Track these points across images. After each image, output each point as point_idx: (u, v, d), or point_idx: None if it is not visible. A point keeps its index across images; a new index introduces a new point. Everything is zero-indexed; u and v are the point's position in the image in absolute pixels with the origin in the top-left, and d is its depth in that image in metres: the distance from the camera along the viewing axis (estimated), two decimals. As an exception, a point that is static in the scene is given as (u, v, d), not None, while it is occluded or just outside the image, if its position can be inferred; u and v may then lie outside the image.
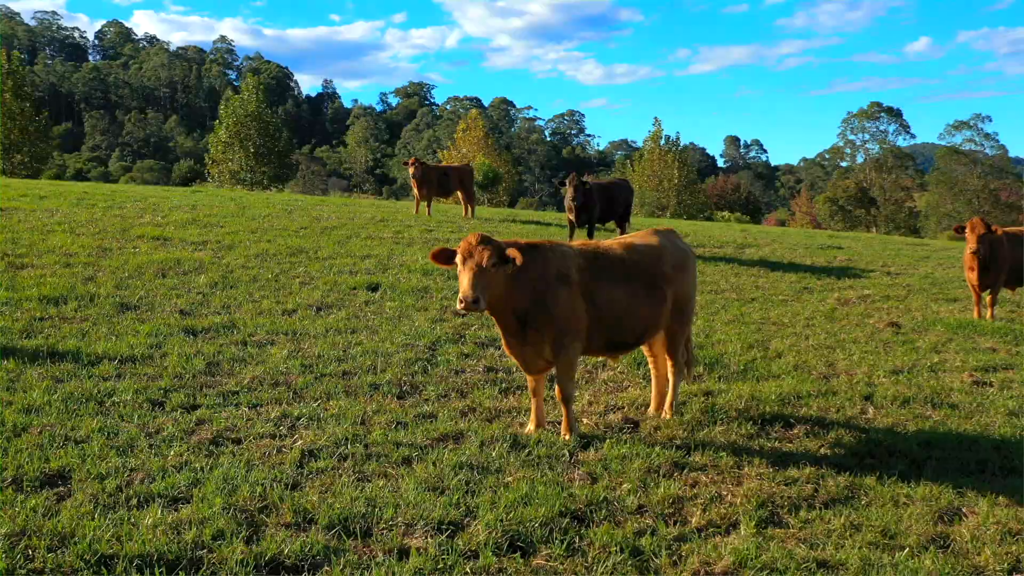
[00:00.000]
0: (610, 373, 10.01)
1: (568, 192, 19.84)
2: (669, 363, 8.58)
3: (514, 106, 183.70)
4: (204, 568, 5.17)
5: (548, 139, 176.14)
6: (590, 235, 20.46)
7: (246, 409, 7.97)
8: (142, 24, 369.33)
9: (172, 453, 6.82)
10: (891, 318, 13.86)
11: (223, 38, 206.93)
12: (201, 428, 7.45)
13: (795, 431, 8.28)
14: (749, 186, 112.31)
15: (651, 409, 8.68)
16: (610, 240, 8.48)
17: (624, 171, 72.48)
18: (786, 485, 6.96)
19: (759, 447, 7.81)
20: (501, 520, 5.96)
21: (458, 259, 7.15)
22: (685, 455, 7.49)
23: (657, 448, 7.54)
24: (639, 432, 8.10)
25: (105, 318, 10.67)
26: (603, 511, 6.29)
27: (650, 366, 8.84)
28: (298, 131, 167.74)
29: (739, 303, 14.67)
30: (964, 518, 6.54)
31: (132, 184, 60.94)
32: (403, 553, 5.49)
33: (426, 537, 5.70)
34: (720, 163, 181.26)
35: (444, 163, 50.52)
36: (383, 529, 5.78)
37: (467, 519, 6.01)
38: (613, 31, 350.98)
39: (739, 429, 8.20)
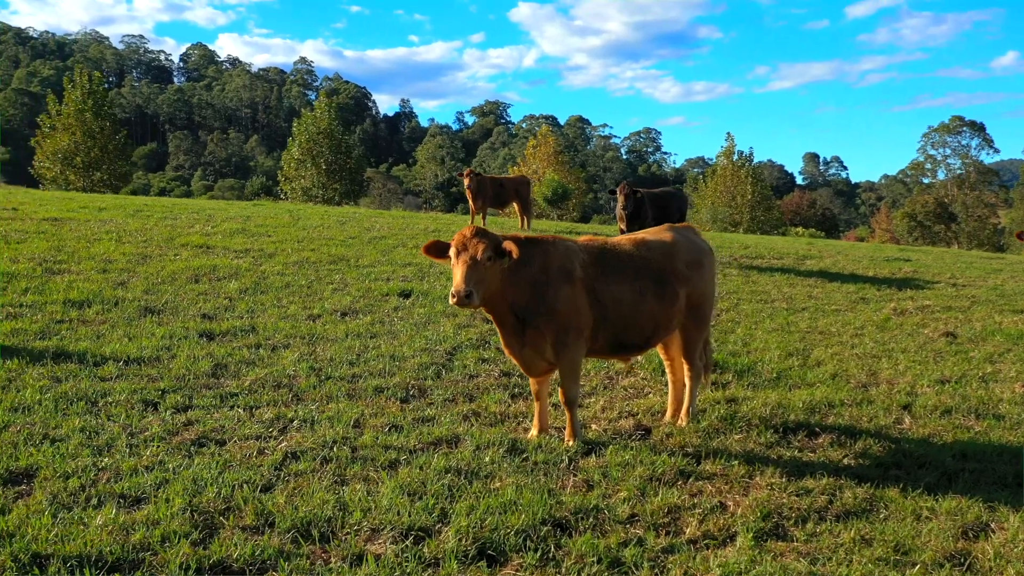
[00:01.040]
0: (632, 379, 9.55)
1: (619, 201, 19.39)
2: (686, 367, 8.11)
3: (590, 124, 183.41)
4: (142, 570, 4.88)
5: (624, 157, 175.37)
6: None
7: (240, 411, 7.70)
8: (226, 47, 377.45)
9: (148, 453, 6.57)
10: (947, 328, 13.15)
11: (303, 59, 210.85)
12: (187, 429, 7.20)
13: (820, 440, 7.75)
14: (828, 203, 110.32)
15: (667, 416, 8.21)
16: (621, 236, 8.06)
17: (696, 187, 71.48)
18: (798, 496, 6.45)
19: (777, 456, 7.31)
20: (475, 526, 5.58)
21: (452, 252, 6.80)
22: (694, 463, 7.03)
23: (664, 455, 7.08)
24: (650, 439, 7.65)
25: (125, 321, 10.53)
26: (590, 519, 5.87)
27: (667, 371, 8.38)
28: (375, 150, 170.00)
29: (788, 312, 14.08)
30: (991, 534, 5.98)
31: (206, 200, 61.90)
32: (359, 559, 5.14)
33: (390, 543, 5.34)
34: (799, 180, 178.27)
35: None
36: (346, 534, 5.44)
37: (439, 525, 5.64)
38: (691, 48, 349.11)
39: (758, 437, 7.70)
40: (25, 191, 32.54)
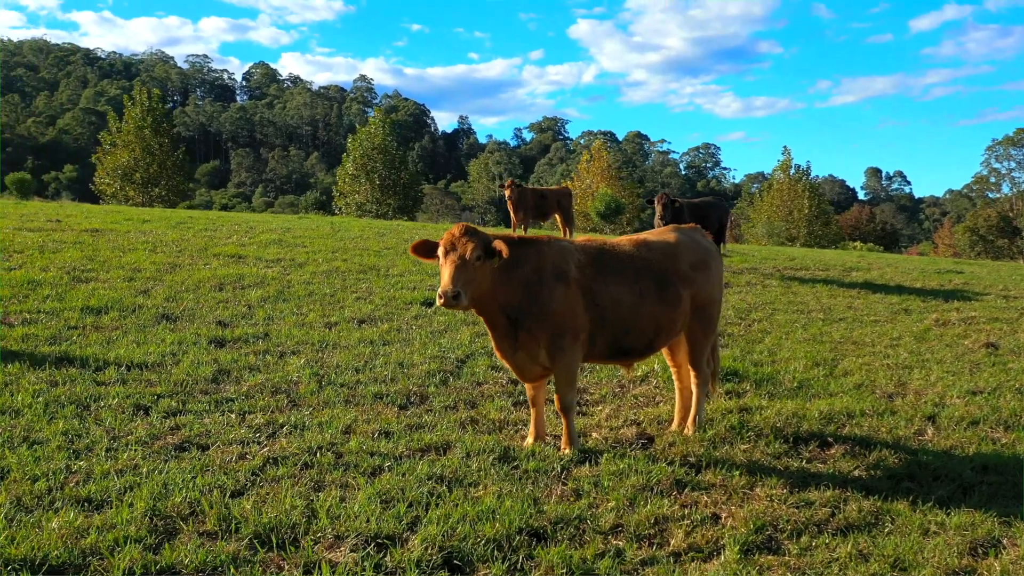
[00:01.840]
0: (644, 387, 9.24)
1: (656, 211, 19.06)
2: (692, 374, 7.78)
3: (648, 140, 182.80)
4: (85, 574, 4.69)
5: (682, 172, 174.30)
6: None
7: (232, 416, 7.53)
8: (289, 66, 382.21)
9: (125, 457, 6.41)
10: (990, 339, 12.63)
11: (363, 77, 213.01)
12: (173, 433, 7.03)
13: (832, 451, 7.39)
14: (891, 218, 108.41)
15: (674, 424, 7.89)
16: (623, 237, 7.78)
17: (752, 201, 70.61)
18: (798, 508, 6.11)
19: (783, 467, 6.96)
20: (445, 535, 5.33)
21: (440, 251, 6.57)
22: (693, 473, 6.71)
23: (661, 465, 6.77)
24: (652, 448, 7.33)
25: (138, 327, 10.45)
26: (570, 530, 5.59)
27: (674, 378, 8.06)
28: (434, 167, 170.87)
29: (823, 323, 13.64)
30: (1001, 550, 5.59)
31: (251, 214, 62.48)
32: (313, 567, 4.90)
33: (350, 551, 5.10)
34: (861, 195, 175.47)
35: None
36: (309, 541, 5.21)
37: (408, 533, 5.39)
38: (752, 64, 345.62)
39: (766, 448, 7.35)
40: (75, 205, 33.01)
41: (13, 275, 12.82)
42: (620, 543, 5.45)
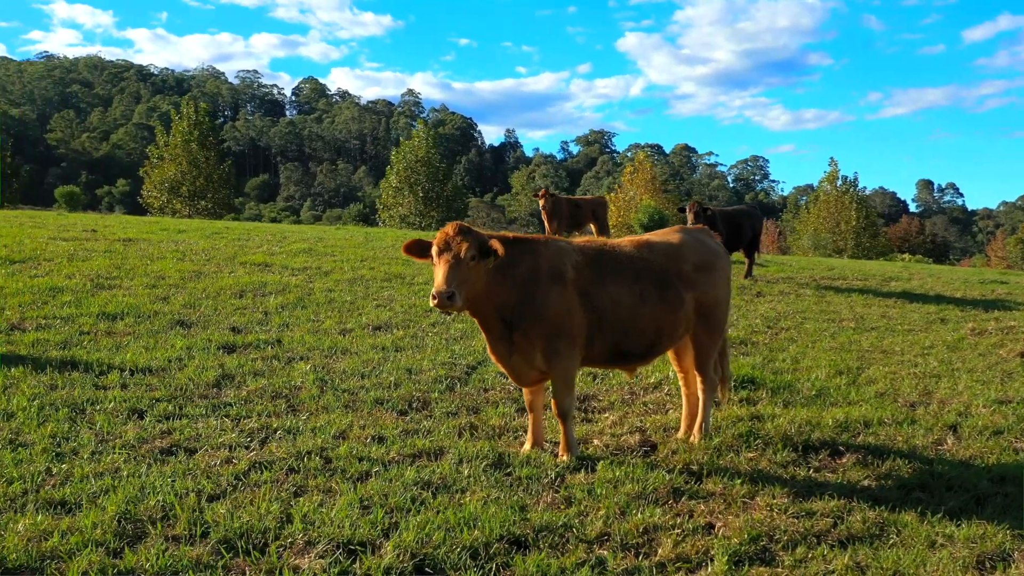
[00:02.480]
0: (656, 395, 8.98)
1: (688, 218, 18.78)
2: (699, 380, 7.53)
3: (696, 152, 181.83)
4: (39, 578, 4.57)
5: (730, 185, 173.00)
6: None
7: (227, 420, 7.40)
8: (338, 80, 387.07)
9: (108, 460, 6.29)
10: (1025, 348, 12.20)
11: (410, 91, 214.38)
12: (163, 437, 6.90)
13: (843, 460, 7.10)
14: (943, 230, 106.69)
15: (680, 432, 7.63)
16: (625, 238, 7.56)
17: (797, 213, 69.77)
18: (798, 518, 5.85)
19: (789, 476, 6.69)
20: (421, 542, 5.14)
21: (433, 251, 6.39)
22: (693, 481, 6.46)
23: (660, 473, 6.53)
24: (654, 455, 7.10)
25: (150, 333, 10.39)
26: (553, 537, 5.37)
27: (681, 384, 7.81)
28: (480, 180, 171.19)
29: (854, 331, 13.28)
30: (1011, 564, 5.31)
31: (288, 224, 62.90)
32: (278, 573, 4.73)
33: (319, 558, 4.93)
34: (912, 207, 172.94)
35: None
36: (279, 547, 5.05)
37: (382, 539, 5.21)
38: (801, 76, 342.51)
39: (774, 456, 7.08)
40: (116, 216, 33.33)
41: (37, 282, 12.86)
42: (604, 552, 5.23)
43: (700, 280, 7.28)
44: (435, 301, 6.14)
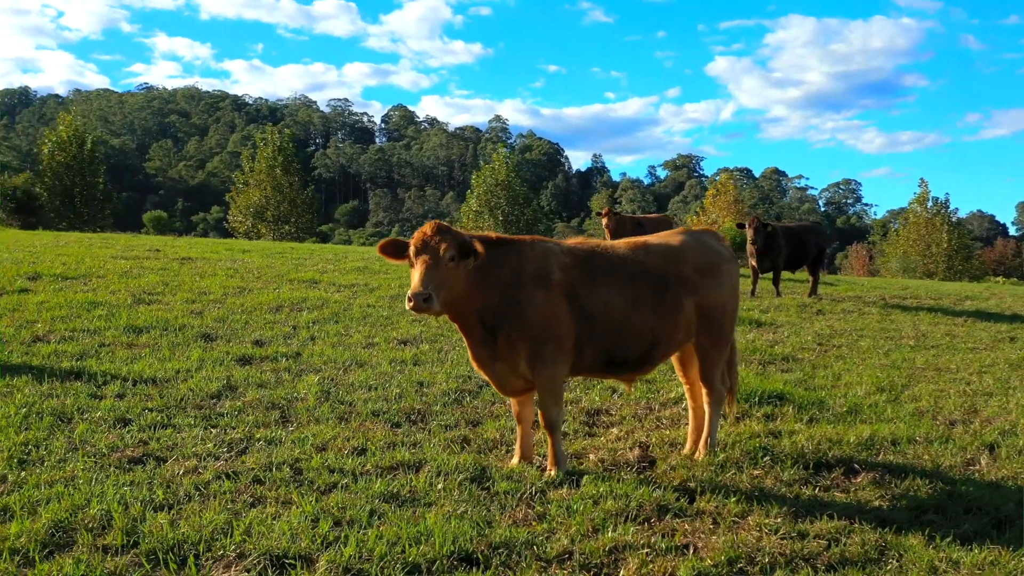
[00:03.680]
0: (673, 410, 8.48)
1: (748, 235, 18.19)
2: (704, 392, 7.04)
3: (785, 176, 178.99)
4: (-60, 586, 4.34)
5: (821, 209, 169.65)
6: (775, 283, 18.66)
7: (212, 430, 7.16)
8: (428, 108, 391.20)
9: (70, 468, 6.09)
10: (1097, 367, 11.37)
11: (498, 117, 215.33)
12: (139, 446, 6.68)
13: (858, 479, 6.54)
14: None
15: (686, 448, 7.15)
16: (620, 240, 7.13)
17: (886, 235, 67.91)
18: (788, 539, 5.34)
19: (793, 495, 6.16)
20: (360, 556, 4.80)
21: (411, 251, 6.08)
22: (684, 499, 5.99)
23: (648, 489, 6.07)
24: (652, 471, 6.63)
25: (171, 345, 10.25)
26: (508, 555, 4.97)
27: (687, 397, 7.33)
28: (567, 205, 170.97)
29: (911, 349, 12.57)
30: (1018, 594, 4.72)
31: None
32: (192, 585, 4.43)
33: (246, 571, 4.61)
34: (1012, 231, 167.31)
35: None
36: (209, 559, 4.75)
37: (319, 553, 4.86)
38: (896, 98, 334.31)
39: (781, 474, 6.56)
40: (187, 238, 33.77)
41: (78, 297, 12.90)
42: (560, 572, 4.81)
43: (702, 284, 6.82)
44: (411, 304, 5.82)
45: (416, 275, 5.92)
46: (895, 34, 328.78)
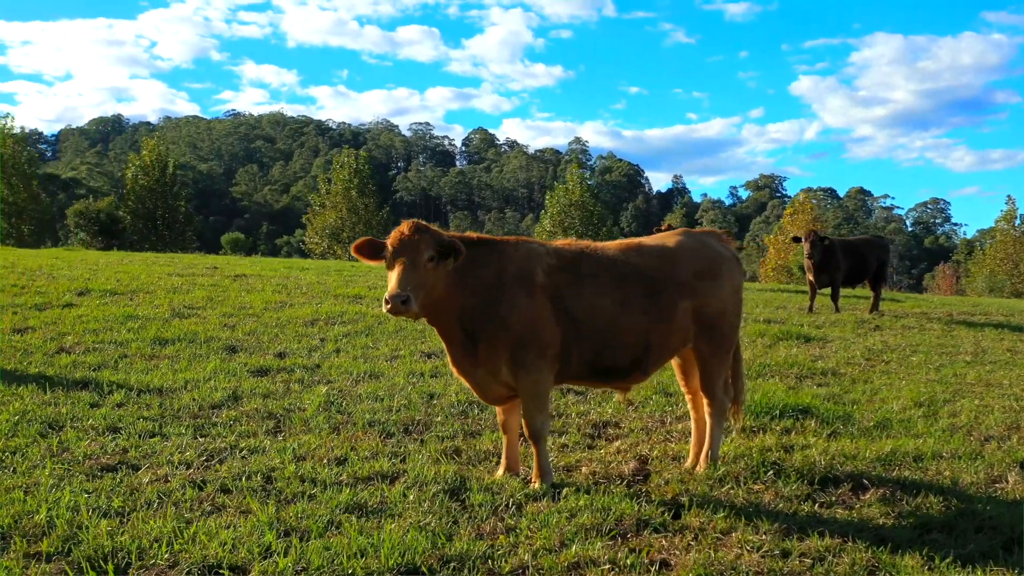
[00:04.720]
0: (686, 424, 7.99)
1: (804, 248, 17.62)
2: (705, 402, 6.65)
3: (871, 195, 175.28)
4: None
5: (908, 229, 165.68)
6: (834, 299, 18.01)
7: (199, 439, 7.00)
8: (509, 131, 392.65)
9: (37, 474, 5.96)
10: None
11: (578, 139, 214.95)
12: (116, 454, 6.54)
13: (866, 496, 6.08)
14: None
15: (688, 461, 6.75)
16: (613, 242, 6.79)
17: (971, 254, 65.95)
18: (771, 558, 4.94)
19: (790, 510, 5.74)
20: (295, 569, 4.55)
21: (388, 252, 5.83)
22: (670, 514, 5.61)
23: (634, 503, 5.71)
24: (645, 485, 6.27)
25: (191, 357, 10.16)
26: (460, 569, 4.66)
27: (689, 407, 6.94)
28: (647, 225, 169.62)
29: (966, 364, 11.92)
30: (1011, 621, 4.26)
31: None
32: (106, 594, 4.22)
33: (170, 580, 4.38)
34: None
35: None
36: (139, 567, 4.54)
37: (253, 564, 4.62)
38: (987, 115, 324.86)
39: (783, 489, 6.13)
40: (252, 258, 34.01)
41: (117, 311, 12.95)
42: (511, 588, 4.50)
43: (700, 288, 6.43)
44: (388, 306, 5.57)
45: (393, 276, 5.67)
46: (985, 50, 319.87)
